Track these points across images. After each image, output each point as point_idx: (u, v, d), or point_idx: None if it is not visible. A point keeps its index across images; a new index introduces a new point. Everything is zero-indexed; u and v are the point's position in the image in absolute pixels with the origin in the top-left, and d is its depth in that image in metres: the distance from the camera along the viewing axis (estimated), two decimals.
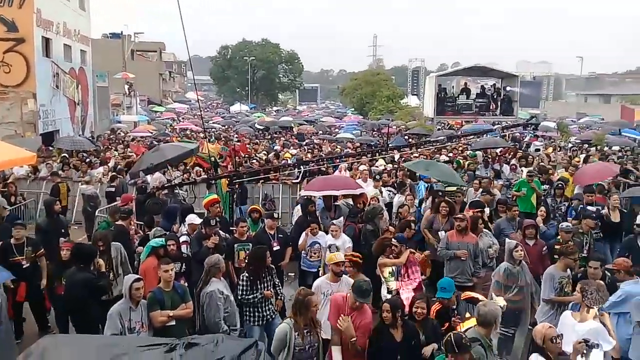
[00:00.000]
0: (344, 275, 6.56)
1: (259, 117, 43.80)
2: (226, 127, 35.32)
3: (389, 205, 11.33)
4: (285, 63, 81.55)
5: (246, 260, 7.75)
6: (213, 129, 31.80)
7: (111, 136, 28.24)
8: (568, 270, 6.84)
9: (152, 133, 27.64)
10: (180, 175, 13.19)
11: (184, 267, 7.43)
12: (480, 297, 6.29)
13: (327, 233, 8.75)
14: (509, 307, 6.59)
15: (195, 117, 42.95)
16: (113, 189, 12.62)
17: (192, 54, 33.84)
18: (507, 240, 7.69)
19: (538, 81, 65.17)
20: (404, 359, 5.30)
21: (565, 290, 6.60)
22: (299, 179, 13.41)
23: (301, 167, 13.41)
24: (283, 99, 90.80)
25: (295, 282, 9.42)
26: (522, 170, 14.05)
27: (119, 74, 39.84)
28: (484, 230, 8.55)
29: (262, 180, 12.85)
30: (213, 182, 11.25)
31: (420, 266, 7.92)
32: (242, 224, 8.35)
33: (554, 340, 4.69)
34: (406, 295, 7.03)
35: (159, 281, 6.27)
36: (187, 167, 13.85)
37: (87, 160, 16.79)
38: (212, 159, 13.34)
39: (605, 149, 20.61)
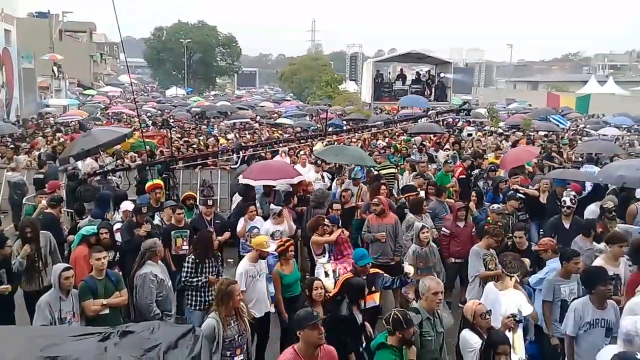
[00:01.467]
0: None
1: (196, 101, 42.86)
2: (162, 111, 34.37)
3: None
4: (223, 46, 79.62)
5: (184, 246, 7.84)
6: (148, 114, 30.88)
7: (39, 120, 26.93)
8: (491, 249, 7.18)
9: (82, 118, 26.53)
10: (113, 161, 12.79)
11: (117, 255, 7.27)
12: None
13: (266, 219, 8.77)
14: None
15: (129, 101, 41.54)
16: (42, 176, 12.09)
17: (125, 36, 32.70)
18: (415, 223, 8.01)
19: (470, 68, 66.94)
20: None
21: (489, 267, 6.95)
22: (238, 165, 13.29)
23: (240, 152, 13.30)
24: (221, 83, 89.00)
25: (235, 269, 9.38)
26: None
27: (47, 55, 37.85)
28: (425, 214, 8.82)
29: (200, 166, 12.65)
30: (148, 168, 10.98)
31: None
32: (178, 211, 8.23)
33: (484, 316, 4.91)
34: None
35: (90, 270, 6.12)
36: (121, 152, 13.44)
37: (12, 146, 15.95)
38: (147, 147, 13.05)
39: (532, 133, 21.55)
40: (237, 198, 10.44)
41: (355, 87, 53.41)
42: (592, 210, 8.86)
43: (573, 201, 8.47)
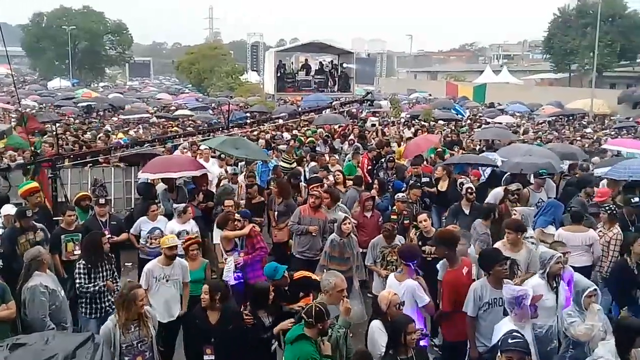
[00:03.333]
0: (177, 258, 6.46)
1: (82, 93, 40.16)
2: (44, 105, 31.93)
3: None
4: (112, 34, 74.72)
5: (75, 251, 7.32)
6: (27, 107, 28.50)
7: None
8: (397, 239, 7.24)
9: None
10: None
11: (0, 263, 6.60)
12: (314, 276, 6.35)
13: (170, 217, 8.33)
14: None
15: (6, 94, 38.17)
16: None
17: None
18: (338, 213, 8.02)
19: (372, 58, 68.45)
20: (220, 343, 5.25)
21: (388, 259, 7.04)
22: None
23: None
24: (111, 74, 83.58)
25: (134, 272, 8.79)
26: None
27: None
28: (340, 204, 8.76)
29: (90, 164, 11.72)
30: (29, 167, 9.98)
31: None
32: (69, 213, 7.60)
33: (398, 307, 4.96)
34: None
35: None
36: None
37: None
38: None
39: (432, 123, 22.33)
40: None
41: (257, 77, 52.87)
42: (495, 194, 9.18)
43: (472, 189, 8.75)
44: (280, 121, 16.48)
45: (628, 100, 34.95)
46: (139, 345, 5.04)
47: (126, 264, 9.15)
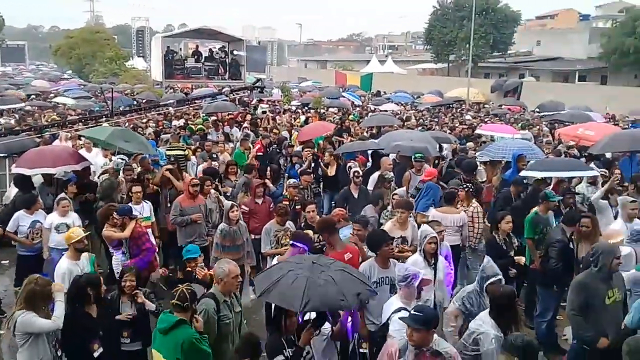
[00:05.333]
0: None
1: None
2: None
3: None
4: None
5: None
6: None
7: None
8: (288, 224, 7.43)
9: None
10: None
11: None
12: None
13: (49, 211, 7.93)
14: None
15: None
16: None
17: None
18: (225, 202, 8.07)
19: (263, 46, 68.07)
20: (105, 336, 5.20)
21: (282, 242, 7.16)
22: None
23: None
24: None
25: (11, 270, 8.27)
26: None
27: None
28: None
29: None
30: None
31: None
32: None
33: None
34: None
35: None
36: None
37: None
38: None
39: (322, 110, 22.79)
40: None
41: (144, 64, 50.68)
42: (373, 178, 9.70)
43: (358, 172, 9.18)
44: (171, 109, 16.11)
45: (500, 89, 37.89)
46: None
47: (2, 262, 8.58)
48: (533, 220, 7.67)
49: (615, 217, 7.88)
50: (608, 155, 11.79)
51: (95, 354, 5.08)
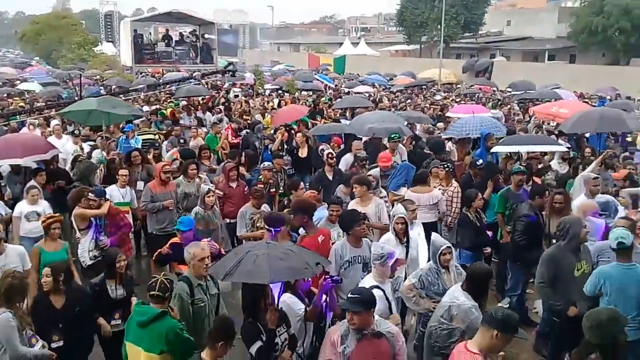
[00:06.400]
0: (9, 246, 6.12)
1: None
2: None
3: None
4: None
5: None
6: None
7: None
8: (263, 207, 7.42)
9: None
10: None
11: None
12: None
13: (18, 199, 7.84)
14: None
15: None
16: None
17: None
18: (202, 186, 8.00)
19: (235, 29, 67.43)
20: (67, 327, 5.05)
21: (258, 224, 7.15)
22: None
23: None
24: None
25: None
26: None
27: None
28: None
29: None
30: None
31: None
32: None
33: None
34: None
35: None
36: None
37: None
38: None
39: (296, 94, 22.72)
40: None
41: (113, 49, 49.74)
42: (346, 160, 9.71)
43: (332, 154, 9.20)
44: (142, 95, 15.88)
45: (471, 70, 38.22)
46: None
47: None
48: (503, 196, 7.84)
49: None
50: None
51: (53, 345, 4.91)
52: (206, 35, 35.39)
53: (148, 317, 4.36)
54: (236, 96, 19.43)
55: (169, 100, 18.50)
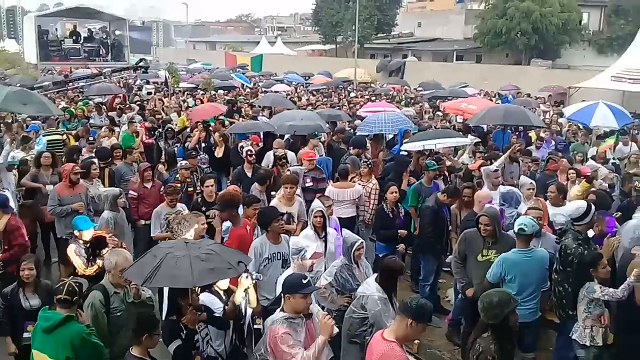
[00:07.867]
0: None
1: None
2: None
3: None
4: None
5: None
6: None
7: None
8: (179, 206, 7.33)
9: None
10: None
11: None
12: None
13: None
14: None
15: None
16: None
17: None
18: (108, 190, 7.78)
19: (148, 26, 65.20)
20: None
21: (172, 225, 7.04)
22: None
23: None
24: None
25: None
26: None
27: None
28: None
29: None
30: None
31: None
32: None
33: None
34: None
35: None
36: None
37: None
38: None
39: (213, 93, 22.45)
40: None
41: (17, 46, 46.82)
42: (268, 157, 9.80)
43: (251, 151, 9.24)
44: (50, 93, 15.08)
45: (384, 70, 39.30)
46: None
47: None
48: (416, 190, 8.20)
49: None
50: (484, 127, 12.76)
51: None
52: (117, 32, 34.09)
53: (52, 322, 4.20)
54: (149, 94, 18.90)
55: (76, 100, 17.72)
